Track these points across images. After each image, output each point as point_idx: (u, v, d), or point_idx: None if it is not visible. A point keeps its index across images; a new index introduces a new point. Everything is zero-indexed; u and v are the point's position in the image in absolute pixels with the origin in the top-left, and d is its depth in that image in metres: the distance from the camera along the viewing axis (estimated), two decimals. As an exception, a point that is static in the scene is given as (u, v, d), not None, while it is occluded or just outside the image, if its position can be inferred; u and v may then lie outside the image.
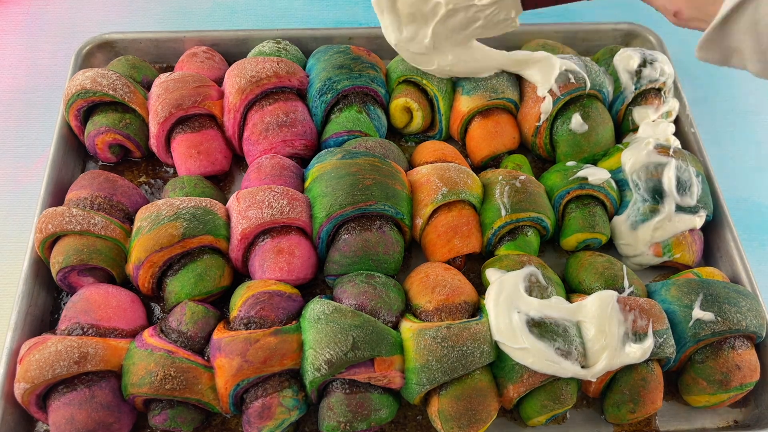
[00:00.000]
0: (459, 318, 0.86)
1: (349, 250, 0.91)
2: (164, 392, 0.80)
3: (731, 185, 1.08)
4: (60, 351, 0.80)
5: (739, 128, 1.26)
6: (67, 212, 0.90)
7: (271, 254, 0.90)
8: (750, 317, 0.88)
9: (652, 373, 0.85)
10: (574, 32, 1.22)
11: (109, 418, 0.80)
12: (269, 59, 1.05)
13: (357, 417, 0.81)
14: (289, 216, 0.90)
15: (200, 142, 1.02)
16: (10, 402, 0.83)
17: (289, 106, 1.03)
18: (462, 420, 0.81)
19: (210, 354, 0.83)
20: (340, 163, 0.94)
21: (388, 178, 0.93)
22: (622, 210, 1.01)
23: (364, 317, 0.83)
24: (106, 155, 1.06)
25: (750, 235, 1.12)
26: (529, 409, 0.85)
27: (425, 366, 0.81)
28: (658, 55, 1.12)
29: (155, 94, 1.03)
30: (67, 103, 1.03)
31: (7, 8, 1.34)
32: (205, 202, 0.93)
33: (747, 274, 0.98)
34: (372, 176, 0.92)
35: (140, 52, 1.18)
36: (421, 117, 1.09)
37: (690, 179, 0.99)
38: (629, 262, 1.02)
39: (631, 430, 0.90)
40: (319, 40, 1.17)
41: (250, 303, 0.85)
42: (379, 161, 0.95)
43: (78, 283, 0.92)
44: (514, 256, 0.94)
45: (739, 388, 0.88)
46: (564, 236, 1.00)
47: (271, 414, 0.80)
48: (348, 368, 0.81)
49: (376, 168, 0.94)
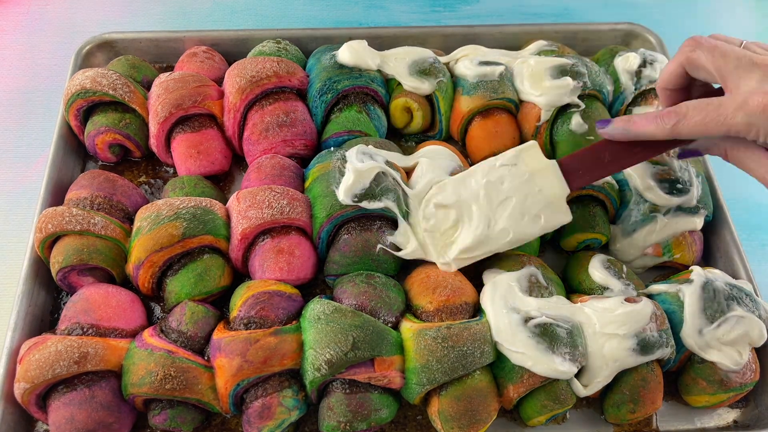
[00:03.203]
0: (459, 319, 0.86)
1: (349, 250, 0.91)
2: (164, 392, 0.80)
3: (731, 185, 1.08)
4: (60, 351, 0.80)
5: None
6: (67, 212, 0.90)
7: (271, 254, 0.90)
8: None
9: (652, 373, 0.85)
10: (574, 32, 1.22)
11: (109, 418, 0.80)
12: (269, 59, 1.05)
13: (357, 417, 0.81)
14: (289, 216, 0.90)
15: (200, 142, 1.02)
16: (10, 402, 0.83)
17: (289, 106, 1.03)
18: (462, 420, 0.81)
19: (210, 354, 0.83)
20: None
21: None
22: (622, 210, 1.01)
23: (364, 317, 0.83)
24: (106, 155, 1.06)
25: (750, 235, 1.12)
26: (529, 409, 0.85)
27: (425, 366, 0.81)
28: (658, 55, 1.12)
29: (155, 94, 1.03)
30: (67, 102, 1.03)
31: (7, 8, 1.34)
32: (205, 202, 0.93)
33: (747, 274, 0.98)
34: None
35: (140, 52, 1.18)
36: (422, 117, 1.09)
37: (690, 179, 0.99)
38: (629, 263, 1.02)
39: (631, 430, 0.90)
40: (319, 40, 1.17)
41: (250, 303, 0.85)
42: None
43: (78, 282, 0.92)
44: (514, 256, 0.94)
45: (739, 388, 0.88)
46: (564, 236, 1.00)
47: (271, 414, 0.80)
48: (348, 368, 0.81)
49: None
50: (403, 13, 1.38)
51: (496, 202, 0.89)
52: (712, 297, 0.87)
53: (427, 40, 1.18)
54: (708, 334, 0.86)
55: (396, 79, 1.08)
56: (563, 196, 0.89)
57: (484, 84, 1.06)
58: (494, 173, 0.90)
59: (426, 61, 1.08)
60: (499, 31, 1.20)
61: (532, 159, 0.90)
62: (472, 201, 0.90)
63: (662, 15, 1.40)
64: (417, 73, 1.07)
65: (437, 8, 1.39)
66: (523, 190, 0.89)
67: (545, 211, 0.89)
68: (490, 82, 1.06)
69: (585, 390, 0.85)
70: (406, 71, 1.07)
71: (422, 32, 1.20)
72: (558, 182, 0.88)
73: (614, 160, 0.86)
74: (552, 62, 1.06)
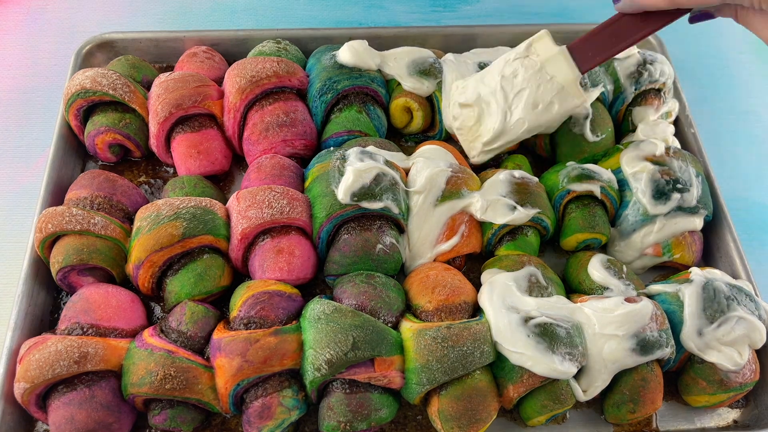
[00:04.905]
0: (459, 318, 0.86)
1: (349, 250, 0.91)
2: (164, 392, 0.80)
3: (731, 185, 1.08)
4: (60, 351, 0.80)
5: (739, 128, 1.26)
6: (67, 212, 0.90)
7: (271, 254, 0.90)
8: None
9: (652, 373, 0.85)
10: (574, 32, 1.22)
11: (109, 418, 0.80)
12: (269, 59, 1.05)
13: (357, 417, 0.81)
14: (289, 216, 0.90)
15: (200, 142, 1.02)
16: (10, 402, 0.83)
17: (289, 106, 1.03)
18: (462, 420, 0.81)
19: (210, 354, 0.83)
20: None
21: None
22: (621, 210, 1.01)
23: (364, 317, 0.83)
24: (106, 155, 1.06)
25: (750, 235, 1.12)
26: (529, 409, 0.85)
27: (425, 366, 0.81)
28: (657, 55, 1.12)
29: (155, 94, 1.03)
30: (67, 102, 1.03)
31: (7, 8, 1.34)
32: (205, 202, 0.93)
33: (747, 274, 0.98)
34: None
35: (140, 51, 1.18)
36: (422, 117, 1.09)
37: (690, 179, 0.99)
38: (629, 264, 1.02)
39: (631, 430, 0.90)
40: (319, 40, 1.17)
41: (250, 303, 0.85)
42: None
43: (78, 282, 0.92)
44: (514, 256, 0.94)
45: (739, 388, 0.88)
46: (564, 236, 1.00)
47: (271, 414, 0.80)
48: (348, 368, 0.81)
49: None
50: (403, 13, 1.38)
51: (512, 95, 0.95)
52: (712, 297, 0.87)
53: (427, 40, 1.18)
54: (708, 334, 0.86)
55: (396, 79, 1.08)
56: (575, 80, 0.94)
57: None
58: (508, 68, 0.96)
59: (426, 61, 1.08)
60: (499, 31, 1.20)
61: (542, 48, 0.95)
62: (490, 97, 0.97)
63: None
64: (417, 73, 1.07)
65: (437, 8, 1.39)
66: (535, 80, 0.94)
67: (558, 97, 0.94)
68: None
69: (585, 395, 0.85)
70: (405, 71, 1.08)
71: (422, 32, 1.20)
72: (568, 67, 0.93)
73: (623, 36, 0.89)
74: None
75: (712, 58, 1.35)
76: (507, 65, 0.96)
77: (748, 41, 1.38)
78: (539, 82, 0.94)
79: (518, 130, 0.97)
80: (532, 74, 0.94)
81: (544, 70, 0.94)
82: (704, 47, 1.37)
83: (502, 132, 0.97)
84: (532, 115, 0.95)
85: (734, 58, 1.36)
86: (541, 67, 0.94)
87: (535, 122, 0.96)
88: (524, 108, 0.95)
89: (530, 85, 0.94)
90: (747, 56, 1.36)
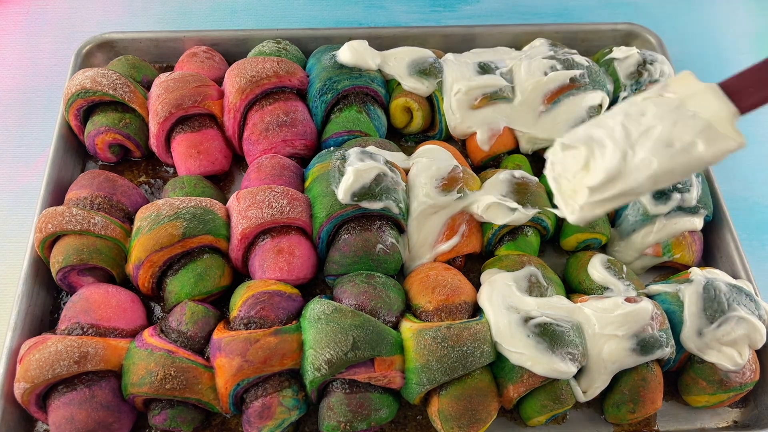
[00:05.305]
0: (459, 318, 0.86)
1: (349, 250, 0.91)
2: (164, 392, 0.80)
3: (731, 185, 1.08)
4: (60, 351, 0.80)
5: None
6: (67, 212, 0.90)
7: (271, 254, 0.90)
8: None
9: (652, 373, 0.85)
10: (574, 32, 1.22)
11: (109, 418, 0.80)
12: (269, 59, 1.05)
13: (357, 417, 0.81)
14: (289, 216, 0.90)
15: (200, 142, 1.02)
16: (10, 402, 0.83)
17: (289, 106, 1.03)
18: (462, 420, 0.81)
19: (210, 354, 0.83)
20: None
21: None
22: (621, 211, 1.01)
23: (364, 317, 0.83)
24: (106, 155, 1.06)
25: (750, 235, 1.12)
26: (529, 409, 0.85)
27: (425, 366, 0.81)
28: (657, 55, 1.12)
29: (155, 94, 1.03)
30: (67, 102, 1.03)
31: (7, 8, 1.34)
32: (205, 202, 0.93)
33: (747, 274, 0.98)
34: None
35: (140, 51, 1.18)
36: (421, 117, 1.09)
37: (690, 179, 0.99)
38: (629, 265, 1.02)
39: (631, 430, 0.90)
40: (319, 40, 1.17)
41: (250, 303, 0.85)
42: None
43: (78, 282, 0.92)
44: (514, 256, 0.94)
45: (739, 388, 0.88)
46: (564, 236, 1.00)
47: (271, 414, 0.80)
48: (348, 368, 0.81)
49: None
50: (403, 13, 1.38)
51: (636, 132, 0.72)
52: (712, 297, 0.87)
53: (427, 40, 1.18)
54: (708, 334, 0.86)
55: (396, 79, 1.08)
56: (730, 118, 0.71)
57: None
58: (634, 108, 0.74)
59: (426, 61, 1.09)
60: (499, 31, 1.20)
61: (682, 86, 0.73)
62: (605, 138, 0.73)
63: (662, 15, 1.40)
64: (417, 73, 1.07)
65: (437, 8, 1.39)
66: (671, 117, 0.71)
67: (703, 135, 0.70)
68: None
69: (585, 395, 0.85)
70: (405, 71, 1.08)
71: (422, 32, 1.20)
72: (720, 103, 0.71)
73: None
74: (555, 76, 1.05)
75: (712, 58, 1.35)
76: (632, 106, 0.74)
77: (748, 41, 1.38)
78: (677, 119, 0.71)
79: (641, 175, 0.71)
80: (666, 111, 0.72)
81: (683, 108, 0.71)
82: (704, 47, 1.37)
83: (618, 174, 0.71)
84: (664, 156, 0.70)
85: (734, 58, 1.36)
86: (680, 105, 0.72)
87: (667, 165, 0.70)
88: (653, 147, 0.70)
89: (663, 123, 0.71)
90: (747, 56, 1.36)
